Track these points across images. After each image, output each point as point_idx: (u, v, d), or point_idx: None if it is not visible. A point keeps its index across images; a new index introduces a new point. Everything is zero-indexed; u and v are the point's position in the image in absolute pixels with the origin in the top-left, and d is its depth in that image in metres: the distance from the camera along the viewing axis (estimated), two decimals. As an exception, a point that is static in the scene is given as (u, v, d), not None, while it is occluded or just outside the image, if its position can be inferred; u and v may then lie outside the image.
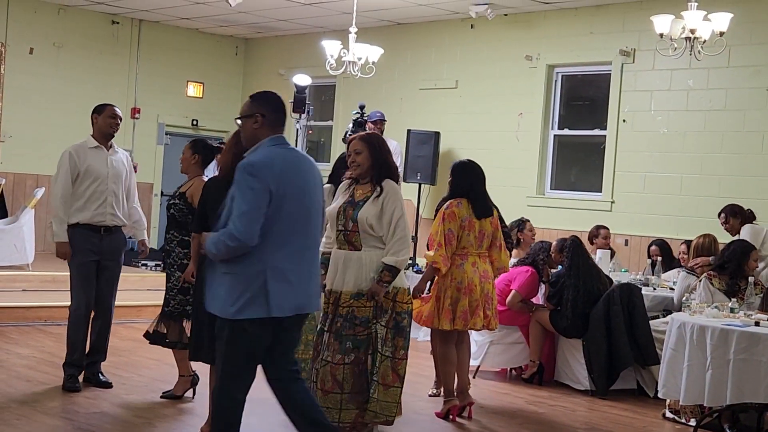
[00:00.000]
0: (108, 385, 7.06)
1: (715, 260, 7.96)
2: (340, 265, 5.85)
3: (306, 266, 4.74)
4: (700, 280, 7.69)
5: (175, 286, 6.56)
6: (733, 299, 7.12)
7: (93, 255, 7.00)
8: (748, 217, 9.12)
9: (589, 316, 8.02)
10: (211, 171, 6.39)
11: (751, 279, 7.31)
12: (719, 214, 9.22)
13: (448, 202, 6.84)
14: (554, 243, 8.45)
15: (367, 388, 5.82)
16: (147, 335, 6.75)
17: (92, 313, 7.10)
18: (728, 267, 7.56)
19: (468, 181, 6.89)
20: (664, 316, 8.23)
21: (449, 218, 6.72)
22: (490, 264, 6.94)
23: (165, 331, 6.66)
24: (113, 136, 7.14)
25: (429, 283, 6.92)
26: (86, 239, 6.95)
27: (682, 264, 9.51)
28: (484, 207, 6.85)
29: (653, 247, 10.16)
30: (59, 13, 14.11)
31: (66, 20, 14.17)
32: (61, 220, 6.95)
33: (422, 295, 6.88)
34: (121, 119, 7.17)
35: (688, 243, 9.30)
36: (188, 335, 6.31)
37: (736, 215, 9.09)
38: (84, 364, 7.09)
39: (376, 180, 5.87)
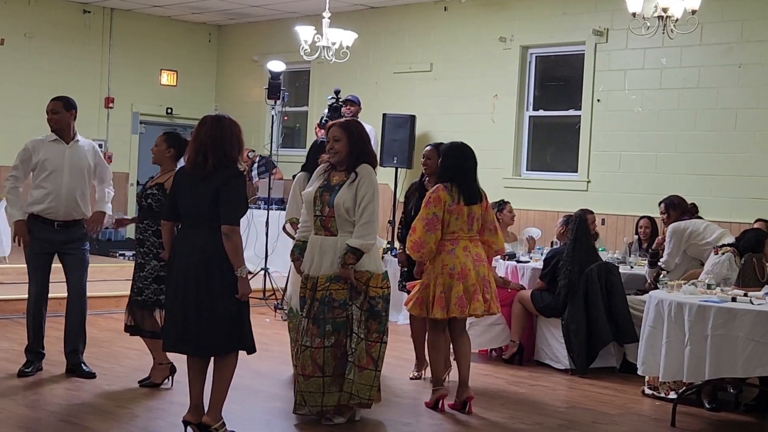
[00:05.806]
0: (92, 375, 7.03)
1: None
2: (316, 251, 5.87)
3: None
4: (723, 254, 7.62)
5: (150, 275, 6.55)
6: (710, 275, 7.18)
7: (47, 246, 7.00)
8: (689, 210, 8.82)
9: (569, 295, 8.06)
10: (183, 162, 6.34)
11: (726, 255, 7.35)
12: (659, 204, 8.90)
13: (435, 186, 6.60)
14: (561, 218, 8.52)
15: (348, 370, 5.84)
16: (127, 328, 6.74)
17: (47, 303, 7.11)
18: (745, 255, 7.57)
19: (456, 164, 6.60)
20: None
21: (434, 202, 6.47)
22: (488, 247, 6.73)
23: (140, 322, 6.65)
24: (60, 130, 7.05)
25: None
26: (41, 230, 6.97)
27: (641, 237, 9.57)
28: (470, 193, 6.56)
29: (643, 220, 9.79)
30: (30, 3, 13.98)
31: (37, 10, 14.04)
32: (12, 201, 6.98)
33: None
34: (56, 112, 7.04)
35: (650, 218, 9.41)
36: (161, 325, 6.33)
37: (675, 208, 8.77)
38: (42, 352, 7.13)
39: (352, 166, 5.88)
